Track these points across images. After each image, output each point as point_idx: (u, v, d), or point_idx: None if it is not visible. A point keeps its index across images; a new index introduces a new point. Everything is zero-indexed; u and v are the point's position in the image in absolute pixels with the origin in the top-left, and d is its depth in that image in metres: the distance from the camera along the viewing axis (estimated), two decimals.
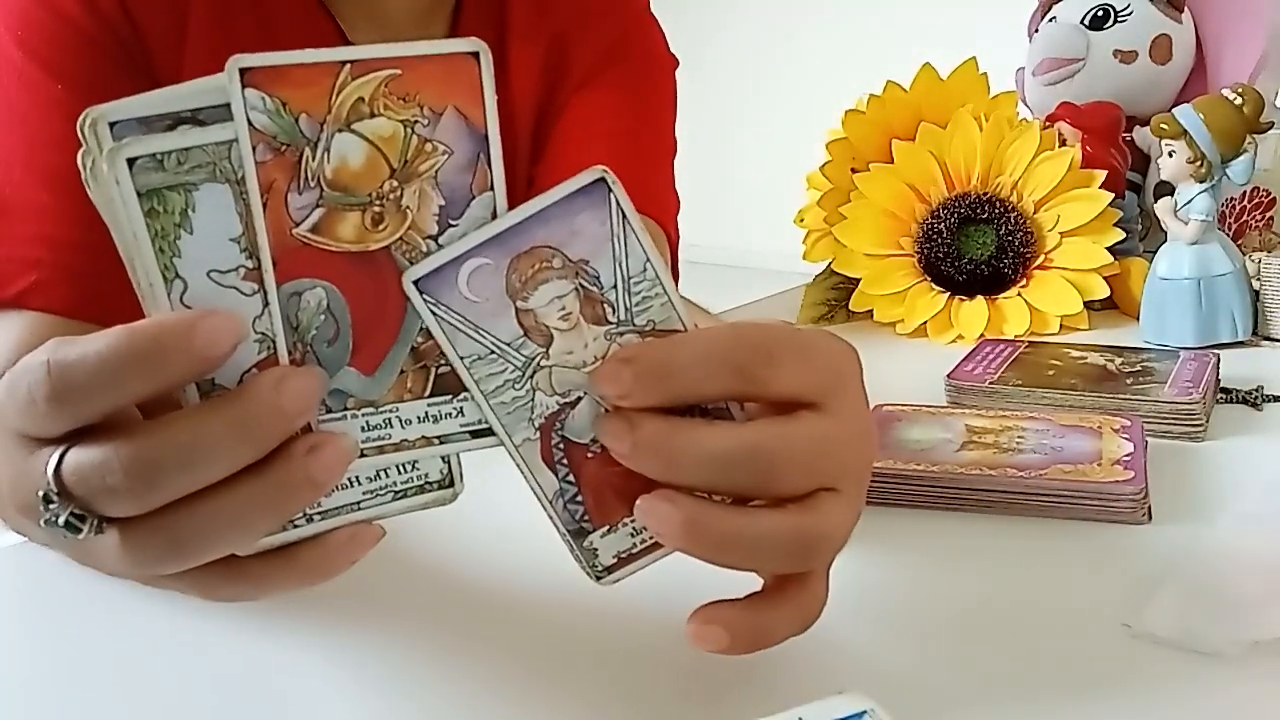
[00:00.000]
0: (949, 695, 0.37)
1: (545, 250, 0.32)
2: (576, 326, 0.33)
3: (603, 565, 0.35)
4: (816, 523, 0.33)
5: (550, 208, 0.32)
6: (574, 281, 0.32)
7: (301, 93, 0.30)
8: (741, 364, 0.32)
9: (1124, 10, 1.00)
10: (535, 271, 0.32)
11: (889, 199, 0.91)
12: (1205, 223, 0.79)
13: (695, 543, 0.33)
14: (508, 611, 0.44)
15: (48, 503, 0.30)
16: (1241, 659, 0.38)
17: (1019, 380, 0.68)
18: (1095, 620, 0.41)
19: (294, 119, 0.30)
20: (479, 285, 0.32)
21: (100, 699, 0.39)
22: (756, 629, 0.34)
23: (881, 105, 0.94)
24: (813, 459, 0.33)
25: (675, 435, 0.32)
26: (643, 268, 0.33)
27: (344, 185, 0.31)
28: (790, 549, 0.33)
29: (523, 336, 0.32)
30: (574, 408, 0.33)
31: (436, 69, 0.31)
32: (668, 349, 0.32)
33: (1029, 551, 0.48)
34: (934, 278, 0.90)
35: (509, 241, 0.32)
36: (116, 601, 0.46)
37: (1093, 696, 0.37)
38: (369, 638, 0.42)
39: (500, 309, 0.32)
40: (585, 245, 0.32)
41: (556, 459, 0.34)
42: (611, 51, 0.75)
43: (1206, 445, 0.60)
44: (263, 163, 0.30)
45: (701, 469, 0.32)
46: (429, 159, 0.31)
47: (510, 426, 0.33)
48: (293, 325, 0.31)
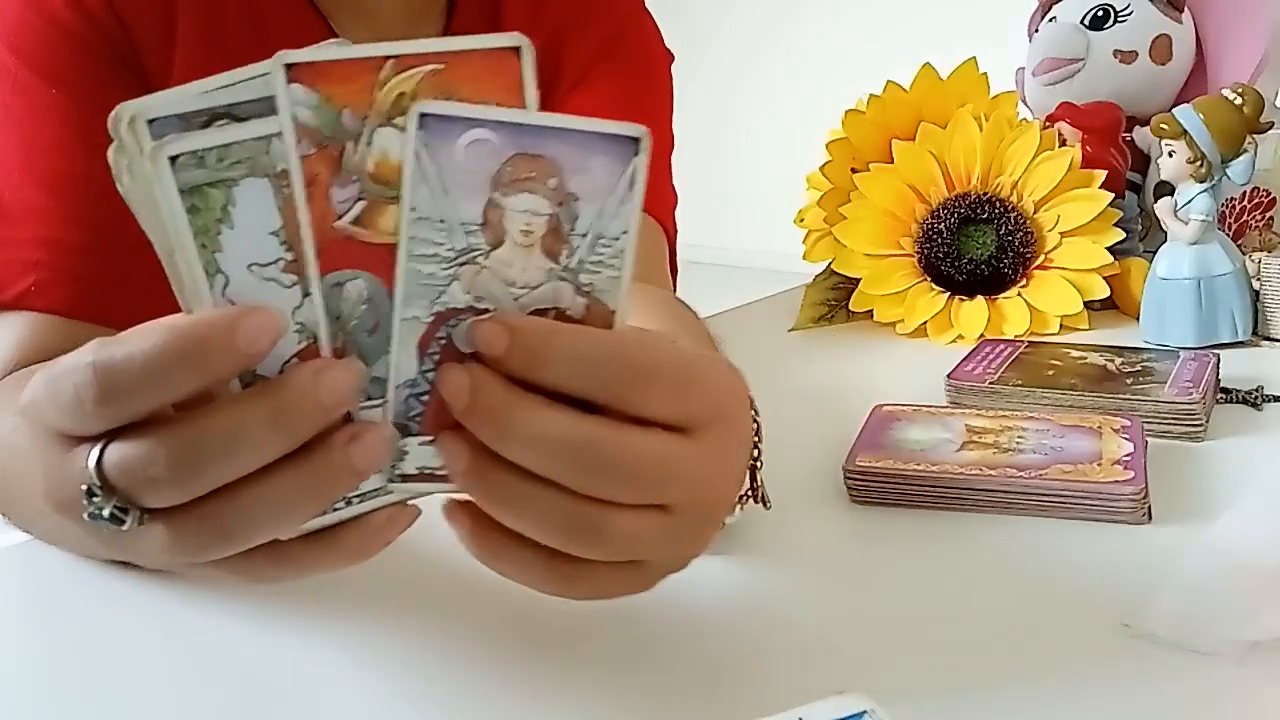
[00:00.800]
0: (949, 695, 0.37)
1: (550, 165, 0.31)
2: (529, 248, 0.32)
3: (403, 471, 0.34)
4: (602, 517, 0.32)
5: (577, 132, 0.31)
6: (554, 208, 0.32)
7: (344, 88, 0.30)
8: (609, 380, 0.32)
9: (1124, 10, 1.00)
10: (527, 177, 0.31)
11: (889, 199, 0.91)
12: (1205, 223, 0.79)
13: (475, 488, 0.33)
14: (509, 610, 0.44)
15: (91, 496, 0.31)
16: (1241, 659, 0.38)
17: (1019, 380, 0.68)
18: (1095, 620, 0.41)
19: (337, 113, 0.30)
20: (474, 155, 0.31)
21: (101, 698, 0.39)
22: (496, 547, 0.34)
23: (881, 105, 0.94)
24: (646, 475, 0.32)
25: (512, 408, 0.31)
26: (617, 237, 0.32)
27: (385, 179, 0.31)
28: (562, 528, 0.32)
29: (479, 225, 0.31)
30: (476, 314, 0.32)
31: (478, 64, 0.31)
32: (550, 336, 0.32)
33: (1029, 551, 0.48)
34: (934, 278, 0.90)
35: (526, 136, 0.31)
36: (118, 601, 0.46)
37: (1093, 696, 0.37)
38: (373, 635, 0.42)
39: (477, 188, 0.31)
40: (585, 184, 0.32)
41: (429, 351, 0.33)
42: (606, 48, 0.75)
43: (1206, 445, 0.60)
44: (306, 156, 0.30)
45: (529, 448, 0.32)
46: None
47: (409, 296, 0.32)
48: (334, 315, 0.32)
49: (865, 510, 0.53)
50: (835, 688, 0.32)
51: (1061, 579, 0.45)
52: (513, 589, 0.46)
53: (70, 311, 0.58)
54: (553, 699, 0.38)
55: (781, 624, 0.42)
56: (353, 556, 0.34)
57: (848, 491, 0.54)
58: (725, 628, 0.42)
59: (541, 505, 0.32)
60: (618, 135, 0.31)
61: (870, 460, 0.54)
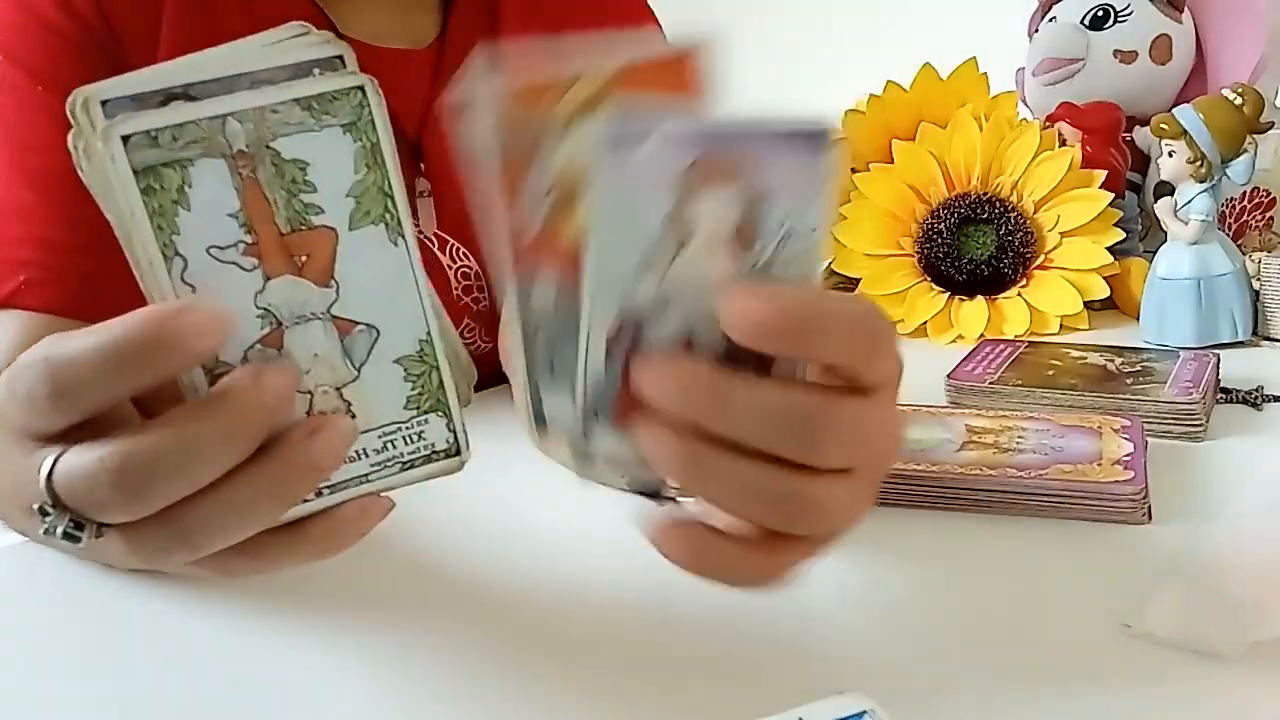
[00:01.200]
0: (949, 695, 0.37)
1: (735, 165, 0.31)
2: (715, 248, 0.31)
3: (587, 454, 0.34)
4: (812, 488, 0.32)
5: (764, 132, 0.31)
6: (741, 208, 0.31)
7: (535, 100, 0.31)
8: (868, 342, 0.32)
9: (1124, 10, 1.00)
10: (714, 178, 0.31)
11: (889, 199, 0.91)
12: (1205, 223, 0.79)
13: (684, 471, 0.32)
14: (508, 610, 0.44)
15: (44, 514, 0.30)
16: (1241, 659, 0.38)
17: (1019, 380, 0.68)
18: (1095, 620, 0.41)
19: (522, 118, 0.30)
20: (661, 157, 0.30)
21: (101, 699, 0.39)
22: (715, 558, 0.34)
23: (881, 105, 0.94)
24: (853, 438, 0.33)
25: (726, 384, 0.31)
26: (809, 231, 0.32)
27: (574, 182, 0.31)
28: (775, 503, 0.33)
29: (665, 225, 0.31)
30: (664, 313, 0.32)
31: (658, 70, 0.31)
32: (813, 303, 0.31)
33: (1029, 551, 0.48)
34: (934, 278, 0.90)
35: (710, 138, 0.30)
36: (117, 601, 0.46)
37: (1093, 696, 0.37)
38: (372, 635, 0.42)
39: (664, 190, 0.30)
40: (775, 181, 0.31)
41: (617, 348, 0.32)
42: None
43: (1206, 445, 0.60)
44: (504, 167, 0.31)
45: (747, 421, 0.31)
46: None
47: (597, 297, 0.31)
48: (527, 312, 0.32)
49: None
50: (835, 688, 0.32)
51: (1061, 579, 0.45)
52: (512, 588, 0.46)
53: (61, 310, 0.58)
54: (551, 699, 0.38)
55: (781, 624, 0.42)
56: (322, 549, 0.33)
57: None
58: (725, 628, 0.42)
59: (757, 480, 0.32)
60: (805, 133, 0.31)
61: None
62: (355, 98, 0.32)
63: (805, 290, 0.32)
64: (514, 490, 0.56)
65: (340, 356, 0.33)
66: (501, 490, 0.55)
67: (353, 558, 0.35)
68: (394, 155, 0.33)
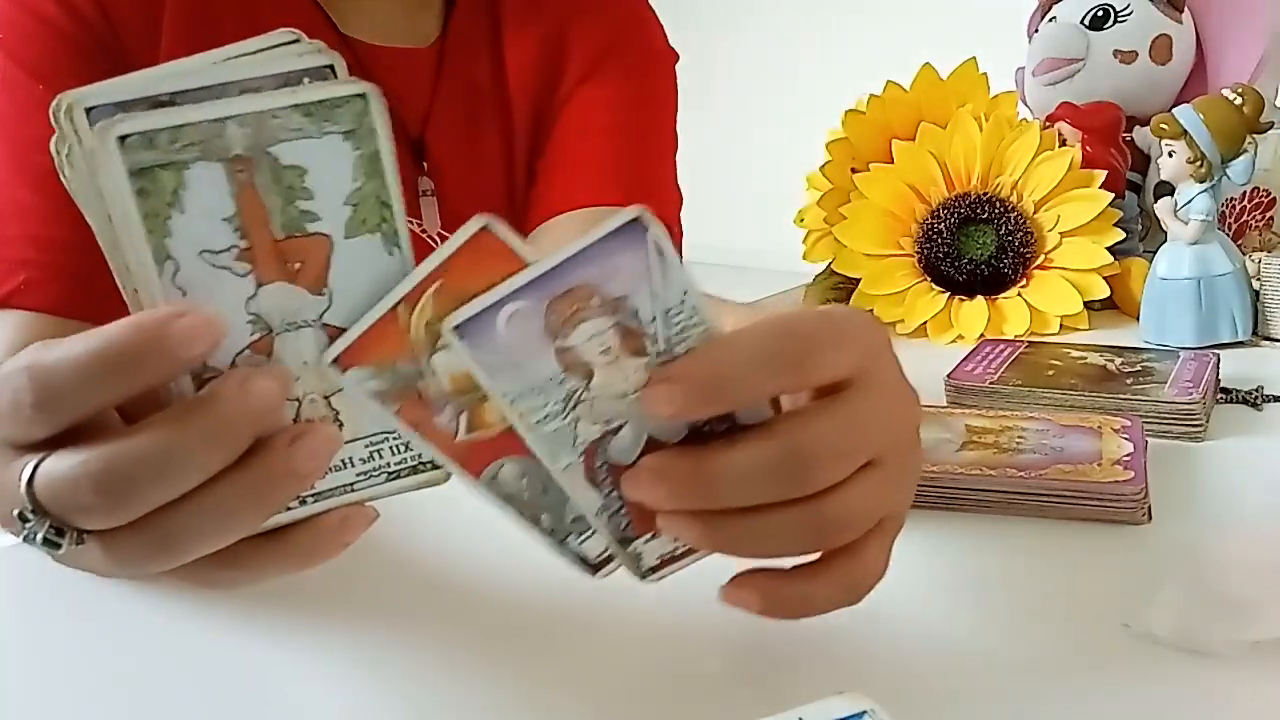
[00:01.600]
0: (949, 695, 0.37)
1: (583, 290, 0.32)
2: (616, 360, 0.33)
3: (648, 567, 0.37)
4: (831, 506, 0.33)
5: (587, 249, 0.32)
6: (612, 318, 0.32)
7: (382, 348, 0.32)
8: (790, 358, 0.32)
9: (1124, 10, 1.00)
10: (574, 312, 0.32)
11: (889, 199, 0.91)
12: (1205, 223, 0.79)
13: (718, 546, 0.34)
14: (506, 612, 0.44)
15: (24, 520, 0.30)
16: (1241, 659, 0.38)
17: (1019, 380, 0.68)
18: (1095, 620, 0.41)
19: (393, 370, 0.32)
20: (517, 328, 0.32)
21: (101, 699, 0.39)
22: (792, 597, 0.35)
23: (881, 105, 0.94)
24: (846, 444, 0.33)
25: (702, 468, 0.32)
26: (680, 299, 0.33)
27: (464, 387, 0.33)
28: (806, 534, 0.33)
29: (563, 373, 0.33)
30: (615, 433, 0.34)
31: (466, 258, 0.32)
32: (716, 360, 0.32)
33: (1029, 551, 0.48)
34: (934, 278, 0.90)
35: (546, 284, 0.32)
36: (116, 602, 0.46)
37: (1093, 696, 0.37)
38: (370, 638, 0.42)
39: (539, 349, 0.32)
40: (623, 283, 0.32)
41: (600, 479, 0.35)
42: (611, 47, 0.75)
43: (1206, 445, 0.60)
44: (399, 412, 0.32)
45: (740, 489, 0.32)
46: None
47: (553, 455, 0.34)
48: (506, 498, 0.34)
49: None
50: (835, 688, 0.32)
51: (1061, 579, 0.45)
52: (510, 590, 0.46)
53: (60, 309, 0.58)
54: (550, 701, 0.38)
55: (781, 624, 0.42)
56: (304, 559, 0.33)
57: None
58: (725, 628, 0.42)
59: (779, 525, 0.33)
60: (621, 226, 0.32)
61: None
62: (357, 105, 0.32)
63: (700, 353, 0.33)
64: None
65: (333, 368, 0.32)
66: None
67: (344, 566, 0.34)
68: (394, 164, 0.32)
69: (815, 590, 0.35)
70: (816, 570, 0.35)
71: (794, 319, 0.33)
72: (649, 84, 0.78)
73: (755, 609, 0.35)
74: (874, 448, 0.34)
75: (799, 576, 0.35)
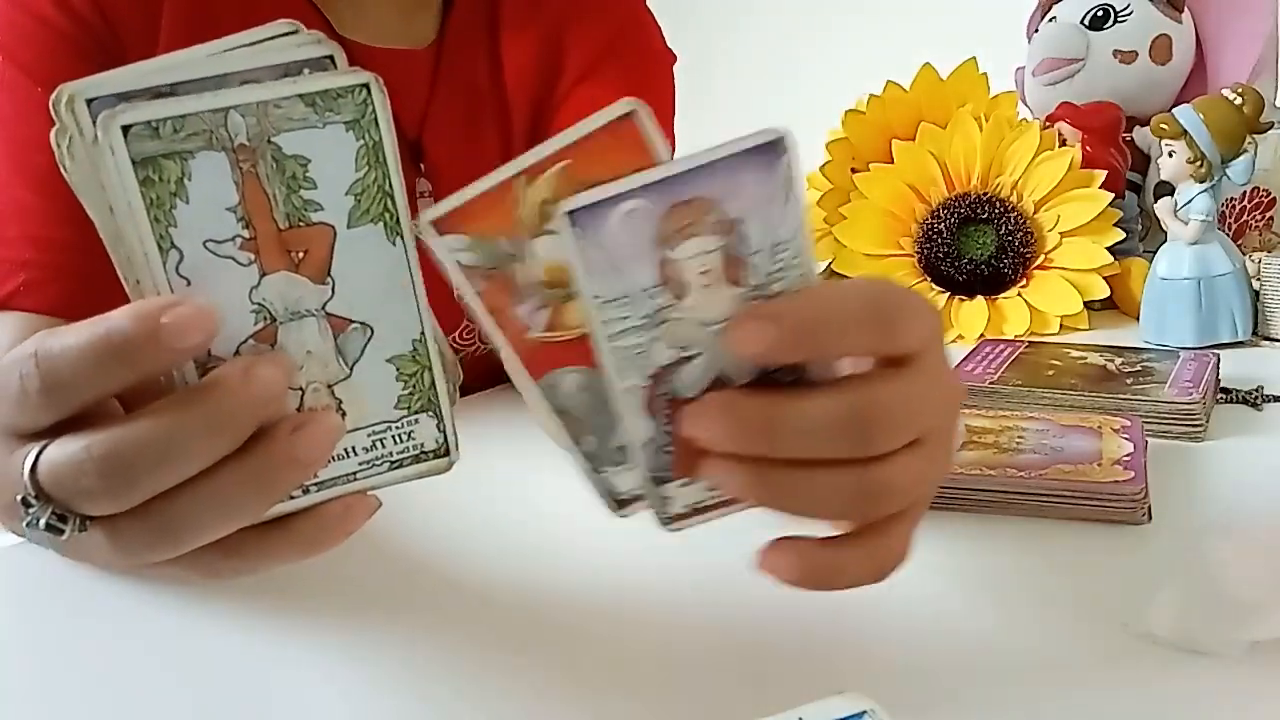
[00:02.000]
0: (949, 695, 0.37)
1: (704, 203, 0.31)
2: (713, 285, 0.32)
3: (674, 513, 0.35)
4: (882, 474, 0.33)
5: (720, 161, 0.31)
6: (723, 239, 0.31)
7: (489, 220, 0.31)
8: (883, 320, 0.32)
9: (1124, 10, 1.00)
10: (690, 223, 0.31)
11: (889, 199, 0.91)
12: (1205, 223, 0.79)
13: (761, 496, 0.33)
14: (503, 611, 0.44)
15: (27, 506, 0.30)
16: (1241, 659, 0.38)
17: (1019, 380, 0.68)
18: (1095, 620, 0.41)
19: (493, 245, 0.31)
20: (631, 227, 0.31)
21: (100, 699, 0.39)
22: (825, 567, 0.35)
23: (881, 105, 0.94)
24: (906, 416, 0.33)
25: (774, 411, 0.32)
26: (793, 235, 0.32)
27: (558, 281, 0.32)
28: (853, 498, 0.33)
29: (659, 285, 0.32)
30: (689, 362, 0.33)
31: (601, 142, 0.32)
32: (814, 305, 0.32)
33: (1029, 551, 0.48)
34: (934, 278, 0.90)
35: (671, 188, 0.31)
36: (116, 602, 0.46)
37: (1093, 696, 0.37)
38: (371, 635, 0.42)
39: (645, 254, 0.31)
40: (743, 204, 0.31)
41: (658, 409, 0.33)
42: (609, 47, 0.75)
43: (1206, 445, 0.60)
44: (482, 292, 0.32)
45: (802, 441, 0.32)
46: None
47: (621, 370, 0.32)
48: (560, 410, 0.33)
49: None
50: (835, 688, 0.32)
51: (1061, 579, 0.45)
52: (511, 588, 0.46)
53: (60, 310, 0.58)
54: (549, 699, 0.38)
55: (781, 624, 0.42)
56: (307, 548, 0.33)
57: None
58: (725, 628, 0.42)
59: (830, 484, 0.33)
60: (758, 146, 0.31)
61: None
62: (360, 95, 0.32)
63: (801, 296, 0.32)
64: (504, 491, 0.56)
65: (333, 354, 0.32)
66: (490, 490, 0.55)
67: (345, 558, 0.34)
68: (396, 154, 0.33)
69: (847, 562, 0.35)
70: (850, 542, 0.35)
71: (883, 284, 0.33)
72: (647, 85, 0.79)
73: (788, 576, 0.34)
74: (926, 424, 0.34)
75: (833, 546, 0.35)
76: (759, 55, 4.65)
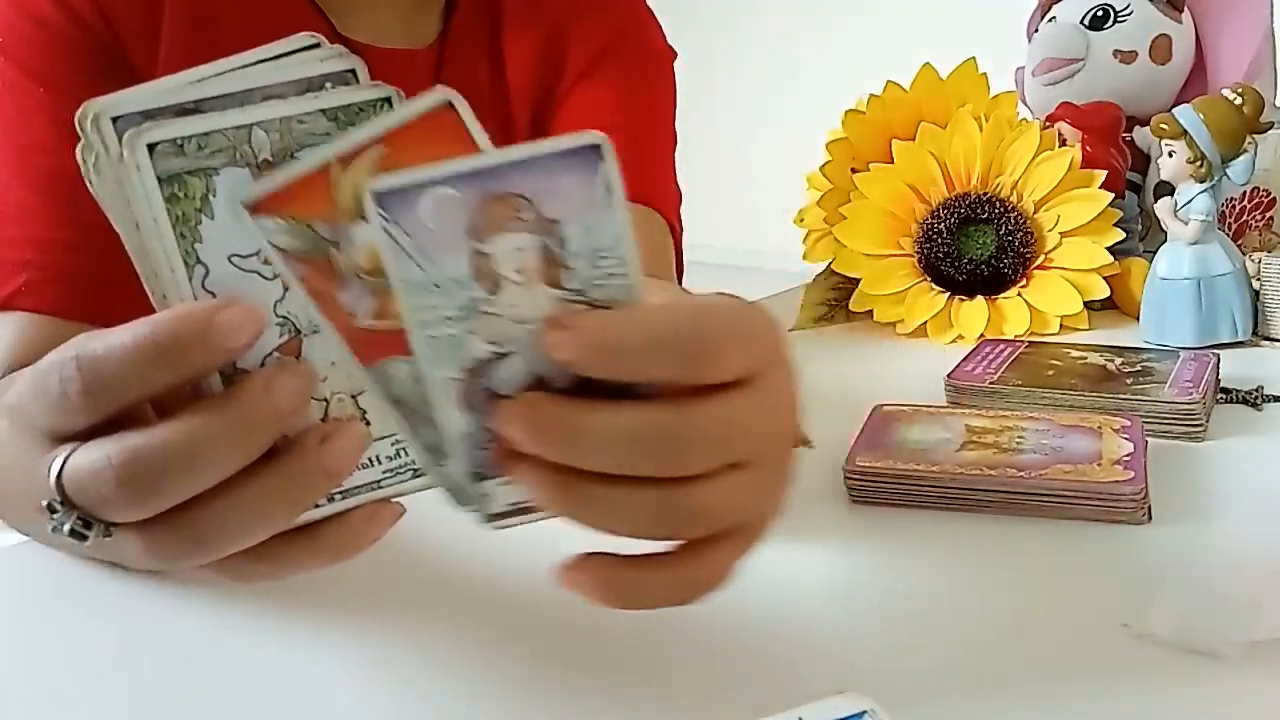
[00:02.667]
0: (949, 695, 0.37)
1: (519, 199, 0.30)
2: (529, 283, 0.31)
3: (495, 511, 0.34)
4: (692, 496, 0.32)
5: (538, 159, 0.30)
6: (539, 238, 0.31)
7: (304, 203, 0.30)
8: (688, 354, 0.31)
9: (1124, 10, 1.00)
10: (503, 218, 0.30)
11: (889, 199, 0.91)
12: (1205, 223, 0.79)
13: (565, 507, 0.32)
14: (505, 612, 0.44)
15: (52, 511, 0.31)
16: (1241, 659, 0.38)
17: (1019, 380, 0.68)
18: (1095, 620, 0.41)
19: (309, 228, 0.31)
20: (441, 215, 0.30)
21: (101, 699, 0.39)
22: (627, 585, 0.33)
23: (881, 105, 0.94)
24: (720, 439, 0.32)
25: (576, 418, 0.31)
26: (613, 245, 0.31)
27: (378, 268, 0.31)
28: (657, 518, 0.32)
29: (471, 278, 0.31)
30: (505, 359, 0.32)
31: (418, 131, 0.31)
32: (620, 327, 0.31)
33: (1029, 551, 0.48)
34: (934, 278, 0.90)
35: (484, 180, 0.30)
36: (117, 602, 0.46)
37: (1093, 696, 0.37)
38: (375, 635, 0.42)
39: (455, 244, 0.30)
40: (561, 206, 0.31)
41: (476, 404, 0.32)
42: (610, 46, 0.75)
43: (1206, 445, 0.60)
44: (304, 276, 0.31)
45: (602, 452, 0.31)
46: None
47: (434, 360, 0.31)
48: (394, 399, 0.32)
49: (865, 510, 0.53)
50: (835, 688, 0.32)
51: (1061, 579, 0.45)
52: (511, 589, 0.46)
53: (61, 310, 0.58)
54: (551, 699, 0.38)
55: (781, 624, 0.42)
56: (335, 555, 0.33)
57: (848, 491, 0.54)
58: (725, 628, 0.42)
59: (633, 501, 0.32)
60: (578, 148, 0.30)
61: (870, 460, 0.54)
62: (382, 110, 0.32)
63: (609, 315, 0.32)
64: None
65: (356, 365, 0.33)
66: None
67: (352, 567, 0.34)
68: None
69: (652, 582, 0.34)
70: (657, 563, 0.34)
71: (705, 312, 0.32)
72: (648, 83, 0.79)
73: (589, 594, 0.33)
74: (748, 449, 0.33)
75: (638, 565, 0.34)
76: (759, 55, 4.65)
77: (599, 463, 0.31)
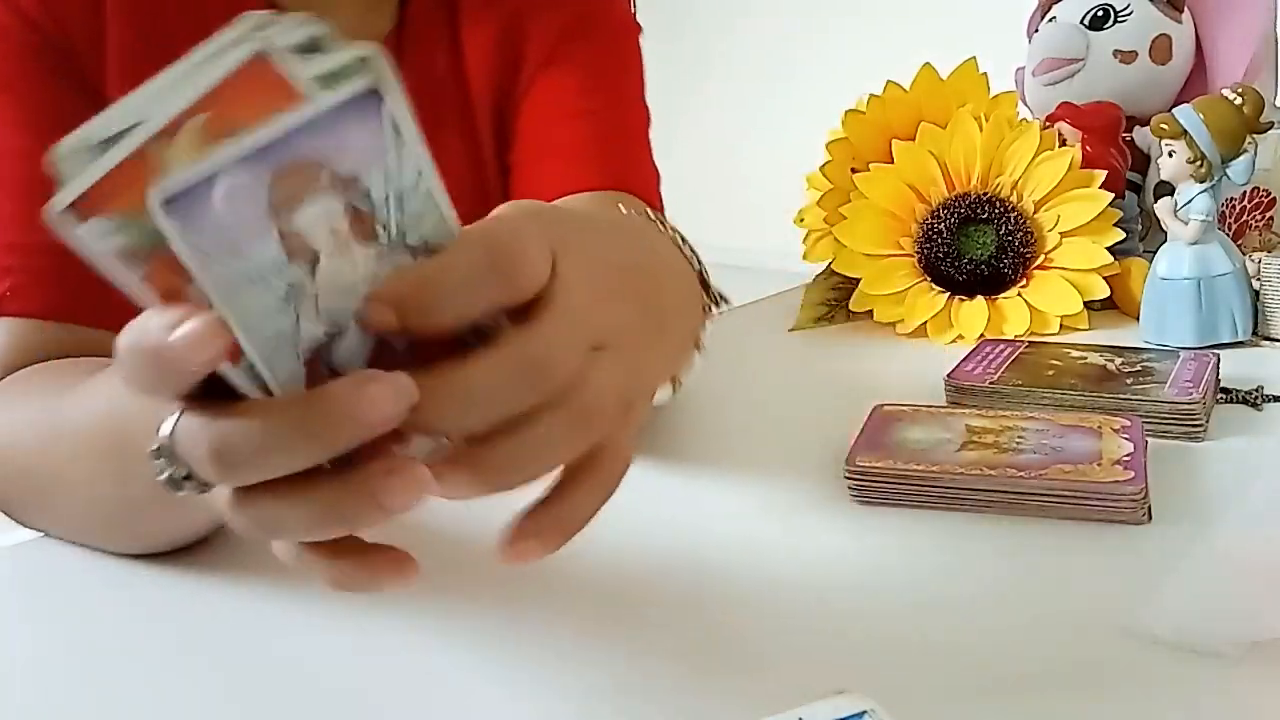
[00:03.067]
0: (949, 695, 0.37)
1: (310, 165, 0.29)
2: (345, 246, 0.30)
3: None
4: (583, 392, 0.32)
5: (317, 118, 0.28)
6: (343, 198, 0.29)
7: (127, 196, 0.28)
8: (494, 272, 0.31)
9: (1124, 10, 1.00)
10: (300, 189, 0.29)
11: (889, 199, 0.91)
12: (1205, 223, 0.79)
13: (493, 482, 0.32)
14: (508, 609, 0.44)
15: (156, 457, 0.32)
16: (1241, 659, 0.38)
17: (1019, 380, 0.68)
18: (1095, 620, 0.41)
19: (141, 225, 0.28)
20: (236, 205, 0.28)
21: (102, 698, 0.39)
22: (565, 517, 0.33)
23: (881, 105, 0.94)
24: (570, 340, 0.32)
25: (446, 388, 0.30)
26: (415, 181, 0.30)
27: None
28: (571, 429, 0.32)
29: (285, 260, 0.29)
30: (341, 338, 0.31)
31: (237, 88, 0.28)
32: (425, 281, 0.30)
33: (1029, 551, 0.48)
34: (934, 278, 0.90)
35: (270, 156, 0.28)
36: (119, 600, 0.46)
37: (1093, 696, 0.37)
38: (379, 635, 0.42)
39: (260, 230, 0.28)
40: (355, 159, 0.29)
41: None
42: (574, 27, 0.74)
43: (1206, 445, 0.60)
44: (148, 276, 0.28)
45: (490, 406, 0.31)
46: None
47: (274, 362, 0.30)
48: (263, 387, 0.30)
49: (865, 510, 0.53)
50: (835, 688, 0.32)
51: (1061, 579, 0.45)
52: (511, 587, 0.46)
53: (48, 314, 0.58)
54: (550, 698, 0.38)
55: (781, 624, 0.42)
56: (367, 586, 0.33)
57: (848, 491, 0.54)
58: (725, 627, 0.42)
59: (543, 432, 0.31)
60: (356, 97, 0.29)
61: (870, 460, 0.54)
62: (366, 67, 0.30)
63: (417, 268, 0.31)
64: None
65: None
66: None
67: None
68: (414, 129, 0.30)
69: (581, 498, 0.33)
70: (574, 479, 0.33)
71: (490, 226, 0.32)
72: (617, 62, 0.77)
73: (539, 553, 0.33)
74: (593, 330, 0.33)
75: (560, 495, 0.33)
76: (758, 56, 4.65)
77: (489, 415, 0.31)
